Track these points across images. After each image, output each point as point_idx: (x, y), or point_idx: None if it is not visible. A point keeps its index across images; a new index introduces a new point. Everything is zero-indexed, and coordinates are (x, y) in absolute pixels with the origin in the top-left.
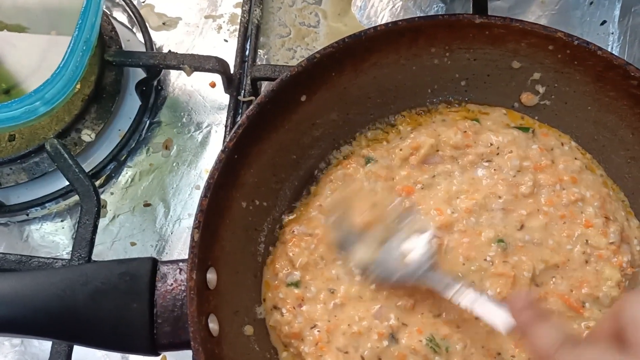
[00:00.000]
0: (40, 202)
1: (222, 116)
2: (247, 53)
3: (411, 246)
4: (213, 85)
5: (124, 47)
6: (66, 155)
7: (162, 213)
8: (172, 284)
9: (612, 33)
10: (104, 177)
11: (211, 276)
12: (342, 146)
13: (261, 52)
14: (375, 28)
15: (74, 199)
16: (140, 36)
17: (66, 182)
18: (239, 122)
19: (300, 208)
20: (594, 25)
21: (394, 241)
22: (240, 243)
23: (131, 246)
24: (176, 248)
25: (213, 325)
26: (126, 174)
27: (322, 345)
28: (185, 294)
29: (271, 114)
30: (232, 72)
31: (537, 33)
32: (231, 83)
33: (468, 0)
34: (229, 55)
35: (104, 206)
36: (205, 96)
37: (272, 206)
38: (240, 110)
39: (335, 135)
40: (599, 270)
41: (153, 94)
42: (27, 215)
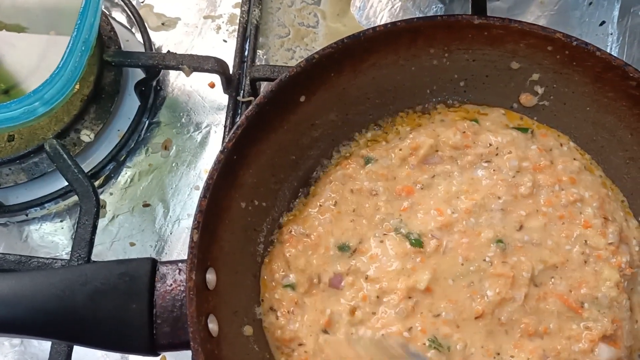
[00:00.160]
0: (39, 203)
1: (221, 116)
2: (246, 53)
3: None
4: (212, 85)
5: (123, 48)
6: (65, 155)
7: (162, 213)
8: (172, 285)
9: (611, 34)
10: (103, 178)
11: (210, 276)
12: (341, 146)
13: (260, 53)
14: (374, 29)
15: (73, 200)
16: (139, 36)
17: (65, 183)
18: (238, 123)
19: (298, 208)
20: (593, 25)
21: None
22: (239, 243)
23: (130, 246)
24: (175, 248)
25: (212, 325)
26: (125, 174)
27: None
28: (184, 295)
29: (270, 115)
30: (231, 73)
31: (536, 34)
32: (230, 83)
33: (467, 0)
34: (228, 55)
35: (103, 206)
36: (204, 96)
37: (271, 206)
38: (239, 110)
39: (334, 135)
40: (598, 270)
41: (152, 95)
42: (27, 215)
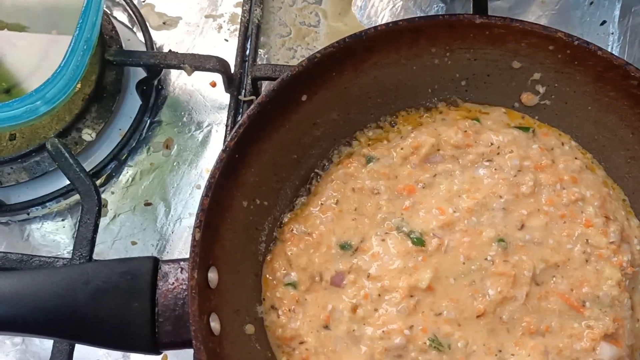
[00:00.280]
0: (41, 202)
1: (223, 116)
2: (248, 52)
3: None
4: (214, 84)
5: (125, 47)
6: (67, 154)
7: (163, 212)
8: (174, 283)
9: (612, 33)
10: (105, 177)
11: (212, 275)
12: (343, 146)
13: (262, 52)
14: (375, 28)
15: (75, 198)
16: (140, 36)
17: (67, 182)
18: (240, 122)
19: (300, 207)
20: (594, 25)
21: None
22: (241, 242)
23: (132, 245)
24: (177, 247)
25: (214, 324)
26: (127, 173)
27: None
28: (186, 293)
29: (272, 114)
30: (233, 72)
31: (538, 33)
32: (232, 82)
33: (468, 0)
34: (230, 54)
35: (105, 205)
36: (205, 96)
37: (273, 205)
38: (240, 109)
39: (335, 134)
40: (599, 269)
41: (154, 94)
42: (28, 214)
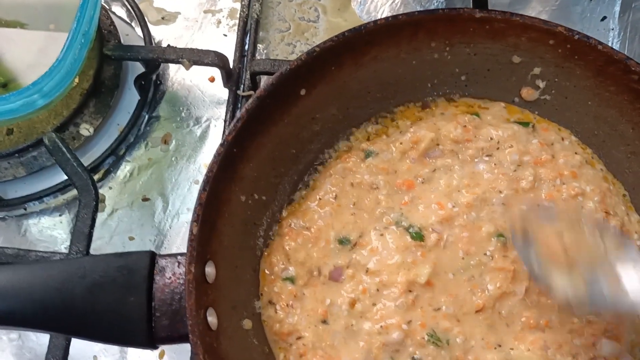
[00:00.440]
0: (38, 197)
1: (221, 111)
2: (247, 47)
3: (623, 273)
4: (212, 79)
5: (123, 42)
6: (64, 149)
7: (161, 208)
8: (171, 278)
9: (613, 29)
10: (103, 172)
11: (210, 270)
12: (342, 140)
13: (260, 47)
14: (375, 22)
15: (72, 194)
16: (139, 30)
17: (64, 177)
18: (239, 116)
19: (298, 201)
20: (594, 21)
21: (601, 270)
22: (239, 237)
23: (129, 241)
24: (175, 243)
25: (212, 318)
26: (125, 169)
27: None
28: (183, 288)
29: (271, 108)
30: (232, 67)
31: (538, 27)
32: (230, 77)
33: None
34: (228, 49)
35: (103, 200)
36: (204, 90)
37: (271, 200)
38: (239, 104)
39: (334, 129)
40: None
41: (152, 89)
42: (25, 209)
